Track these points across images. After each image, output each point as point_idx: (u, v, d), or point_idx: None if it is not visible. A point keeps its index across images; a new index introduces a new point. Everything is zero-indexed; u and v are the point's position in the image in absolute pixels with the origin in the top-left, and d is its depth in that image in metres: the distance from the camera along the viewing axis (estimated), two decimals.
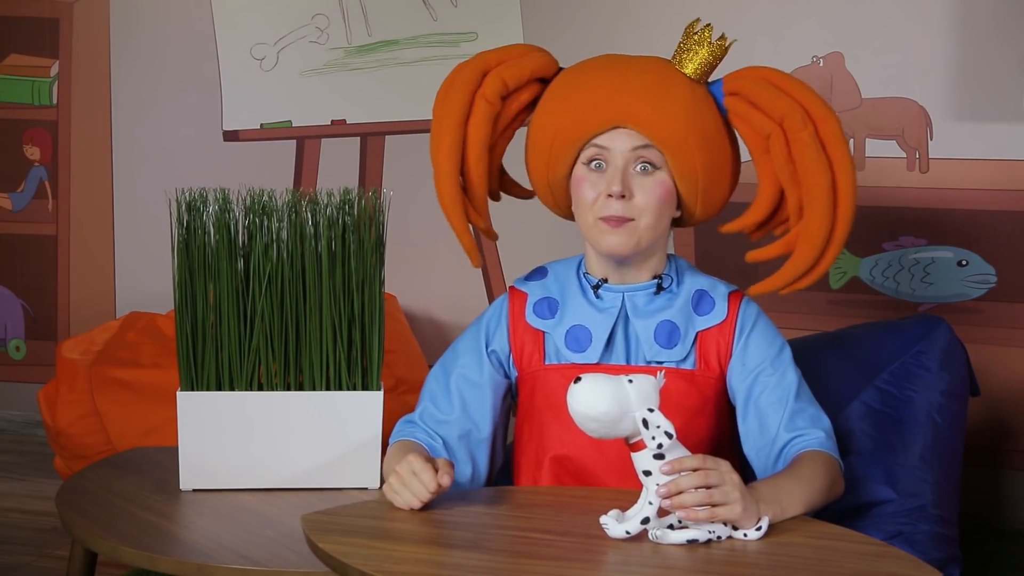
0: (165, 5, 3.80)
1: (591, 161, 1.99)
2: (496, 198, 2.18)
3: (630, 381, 1.67)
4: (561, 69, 2.11)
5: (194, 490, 2.11)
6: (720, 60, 2.04)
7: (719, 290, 2.06)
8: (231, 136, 3.78)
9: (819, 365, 2.36)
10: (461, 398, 2.05)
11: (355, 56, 3.66)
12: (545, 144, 2.03)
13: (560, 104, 2.02)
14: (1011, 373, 3.25)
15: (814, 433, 1.96)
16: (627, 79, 1.99)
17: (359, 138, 3.69)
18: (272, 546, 1.86)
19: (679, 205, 2.03)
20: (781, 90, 2.00)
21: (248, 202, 2.10)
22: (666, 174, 1.98)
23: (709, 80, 2.05)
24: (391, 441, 2.06)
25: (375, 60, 3.65)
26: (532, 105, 2.10)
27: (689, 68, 2.02)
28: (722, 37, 2.04)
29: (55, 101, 3.92)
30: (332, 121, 3.70)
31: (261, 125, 3.75)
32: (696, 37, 2.03)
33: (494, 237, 2.16)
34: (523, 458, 2.09)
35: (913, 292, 3.28)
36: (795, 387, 2.01)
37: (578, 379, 1.68)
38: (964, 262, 3.25)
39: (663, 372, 1.75)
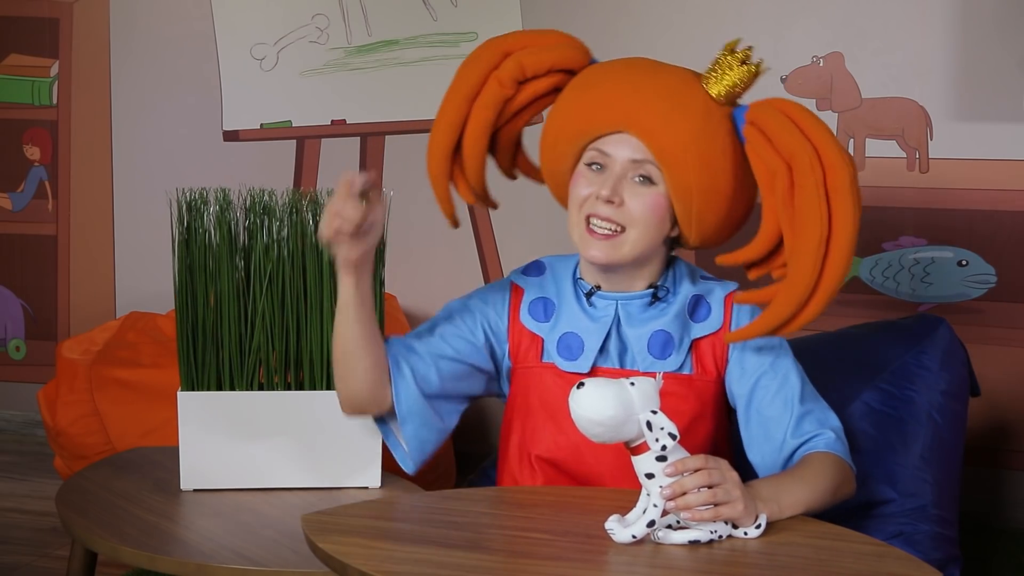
0: (165, 5, 3.80)
1: (592, 163, 1.96)
2: (512, 176, 2.15)
3: (632, 384, 1.67)
4: (594, 62, 2.04)
5: (194, 490, 2.11)
6: (748, 86, 1.96)
7: (716, 295, 2.02)
8: (231, 136, 3.78)
9: (819, 365, 2.36)
10: (441, 366, 2.02)
11: (355, 56, 3.66)
12: (552, 137, 2.00)
13: (572, 100, 1.98)
14: (1011, 373, 3.25)
15: (823, 435, 1.94)
16: (641, 85, 1.94)
17: (359, 138, 3.69)
18: (272, 546, 1.87)
19: (676, 224, 1.98)
20: (799, 128, 1.90)
21: (248, 202, 2.10)
22: (662, 190, 1.93)
23: (740, 103, 1.98)
24: None
25: (375, 60, 3.65)
26: (554, 93, 2.04)
27: (714, 89, 1.95)
28: (748, 57, 1.95)
29: (55, 101, 3.92)
30: (332, 121, 3.70)
31: (261, 125, 3.75)
32: (728, 59, 1.95)
33: (491, 206, 2.12)
34: (509, 451, 2.07)
35: (913, 292, 3.28)
36: (799, 390, 1.97)
37: (581, 384, 1.66)
38: (964, 262, 3.25)
39: (662, 374, 1.75)
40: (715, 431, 2.02)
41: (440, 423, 2.02)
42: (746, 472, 1.95)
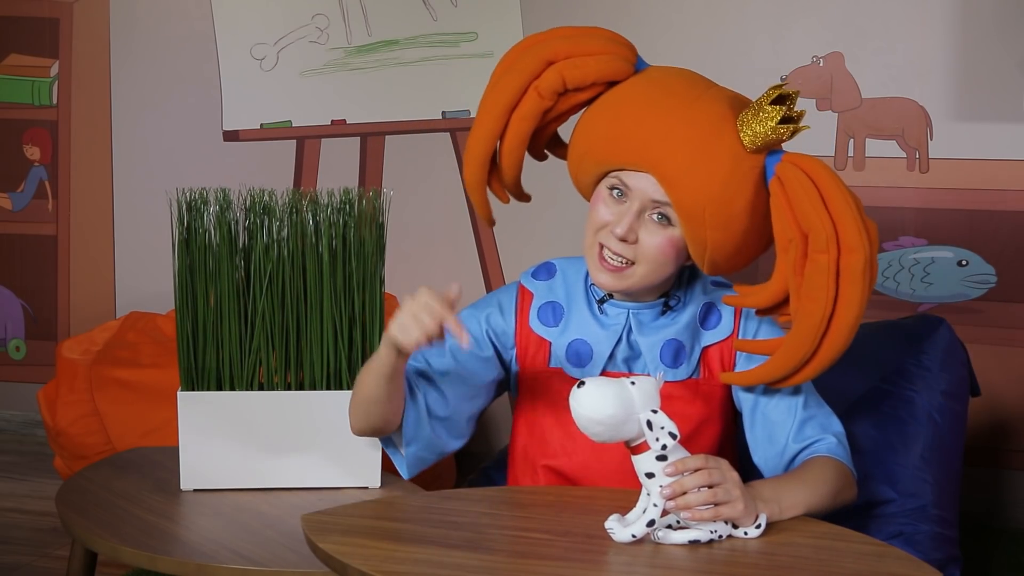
0: (165, 5, 3.81)
1: (614, 188, 1.92)
2: (542, 159, 2.10)
3: (632, 383, 1.67)
4: (638, 71, 1.97)
5: (194, 490, 2.11)
6: (783, 141, 1.87)
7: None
8: (231, 136, 3.78)
9: None
10: (451, 391, 2.02)
11: (355, 56, 3.66)
12: (579, 151, 1.97)
13: (602, 124, 1.93)
14: (1011, 373, 3.25)
15: (825, 440, 1.94)
16: (671, 131, 1.87)
17: (359, 138, 3.69)
18: (272, 546, 1.87)
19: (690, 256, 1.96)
20: (823, 201, 1.83)
21: (248, 202, 2.10)
22: (678, 232, 1.90)
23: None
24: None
25: (375, 60, 3.65)
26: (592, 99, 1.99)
27: (745, 137, 1.87)
28: (791, 108, 1.85)
29: (55, 101, 3.92)
30: (332, 121, 3.70)
31: (261, 125, 3.75)
32: (768, 110, 1.85)
33: (524, 200, 2.09)
34: (515, 455, 2.07)
35: (913, 292, 3.28)
36: (803, 395, 1.97)
37: (581, 383, 1.67)
38: (964, 262, 3.25)
39: (662, 374, 1.75)
40: (722, 435, 2.02)
41: (443, 447, 2.03)
42: (751, 476, 1.95)
